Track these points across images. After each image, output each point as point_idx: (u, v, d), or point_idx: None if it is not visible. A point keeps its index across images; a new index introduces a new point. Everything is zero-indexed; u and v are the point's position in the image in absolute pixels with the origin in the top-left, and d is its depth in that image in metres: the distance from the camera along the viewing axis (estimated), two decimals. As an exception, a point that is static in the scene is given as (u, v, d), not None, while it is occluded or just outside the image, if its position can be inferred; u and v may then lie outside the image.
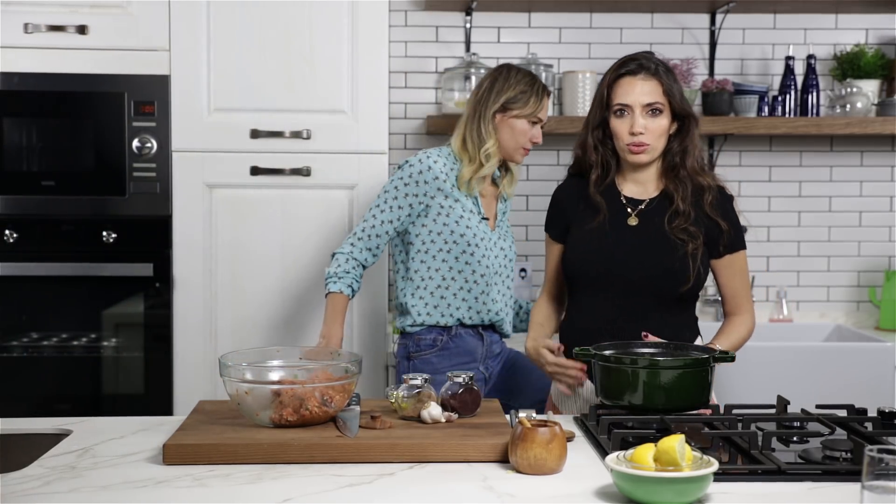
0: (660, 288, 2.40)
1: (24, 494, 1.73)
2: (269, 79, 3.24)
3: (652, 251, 2.41)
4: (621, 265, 2.41)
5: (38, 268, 3.23)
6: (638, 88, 2.39)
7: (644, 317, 2.40)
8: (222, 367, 2.06)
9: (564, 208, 2.54)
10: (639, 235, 2.43)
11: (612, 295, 2.42)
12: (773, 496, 1.74)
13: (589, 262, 2.44)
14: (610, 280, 2.42)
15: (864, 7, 3.75)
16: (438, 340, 2.85)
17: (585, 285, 2.46)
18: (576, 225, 2.50)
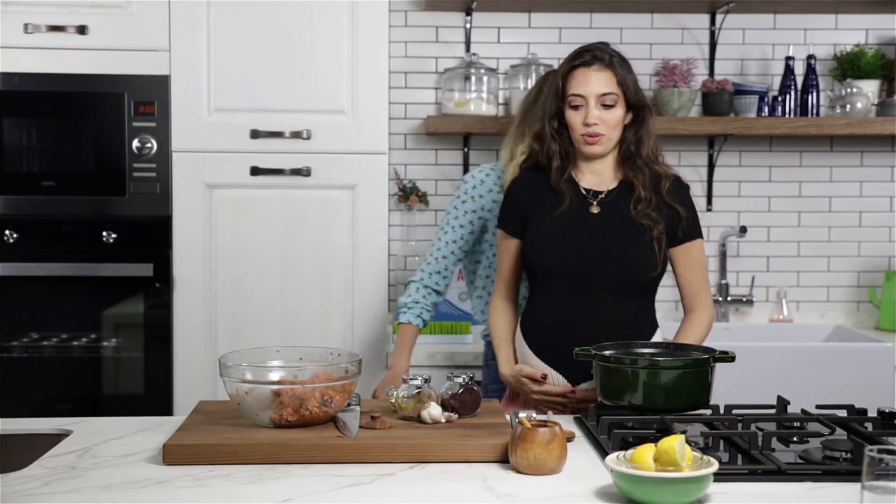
0: (629, 275, 2.40)
1: (24, 494, 1.73)
2: (269, 79, 3.24)
3: (619, 237, 2.41)
4: (588, 253, 2.39)
5: (38, 268, 3.23)
6: (592, 79, 2.39)
7: (609, 307, 2.40)
8: (222, 367, 2.06)
9: (522, 202, 2.49)
10: (603, 223, 2.43)
11: (577, 285, 2.40)
12: (773, 496, 1.74)
13: (555, 250, 2.41)
14: (576, 269, 2.39)
15: (864, 7, 3.75)
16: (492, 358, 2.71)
17: (550, 276, 2.42)
18: (536, 217, 2.46)
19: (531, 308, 2.48)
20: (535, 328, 2.45)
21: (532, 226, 2.46)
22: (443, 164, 3.79)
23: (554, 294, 2.43)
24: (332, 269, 3.28)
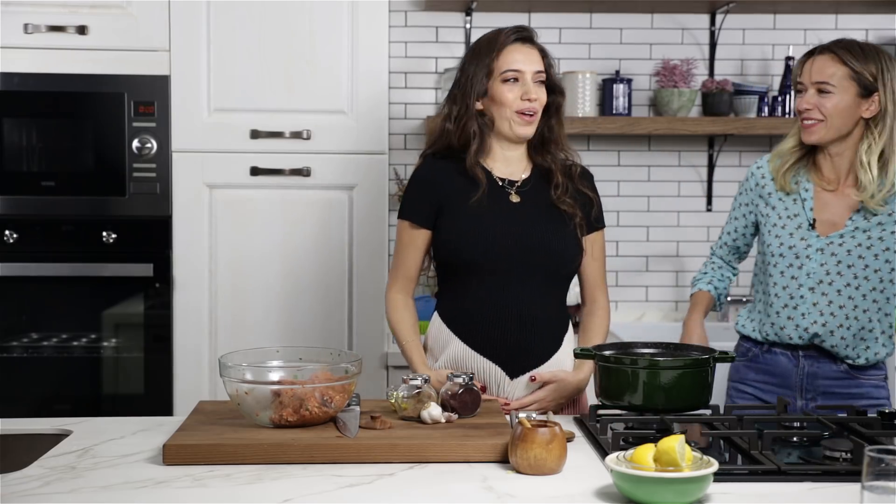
0: (557, 265, 2.38)
1: (24, 494, 1.73)
2: (269, 79, 3.24)
3: (544, 227, 2.36)
4: (517, 243, 2.33)
5: (38, 268, 3.23)
6: (530, 56, 2.35)
7: (537, 295, 2.36)
8: (222, 367, 2.06)
9: (433, 190, 2.37)
10: (525, 212, 2.37)
11: (505, 275, 2.33)
12: (773, 496, 1.74)
13: (482, 241, 2.32)
14: (505, 260, 2.33)
15: (864, 7, 3.75)
16: (750, 351, 2.64)
17: (477, 267, 2.34)
18: (451, 206, 2.35)
19: (455, 299, 2.38)
20: (463, 319, 2.36)
21: (450, 216, 2.35)
22: (443, 164, 3.79)
23: (483, 284, 2.34)
24: (331, 269, 3.28)
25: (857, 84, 2.45)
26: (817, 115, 2.48)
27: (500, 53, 2.33)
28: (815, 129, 2.49)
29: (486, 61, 2.33)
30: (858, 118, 2.47)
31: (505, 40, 2.34)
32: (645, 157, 3.81)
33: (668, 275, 3.84)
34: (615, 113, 3.66)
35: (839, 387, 2.53)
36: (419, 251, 2.41)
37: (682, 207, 3.83)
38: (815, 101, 2.48)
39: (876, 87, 2.45)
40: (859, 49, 2.47)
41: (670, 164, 3.82)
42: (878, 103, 2.45)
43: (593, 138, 3.79)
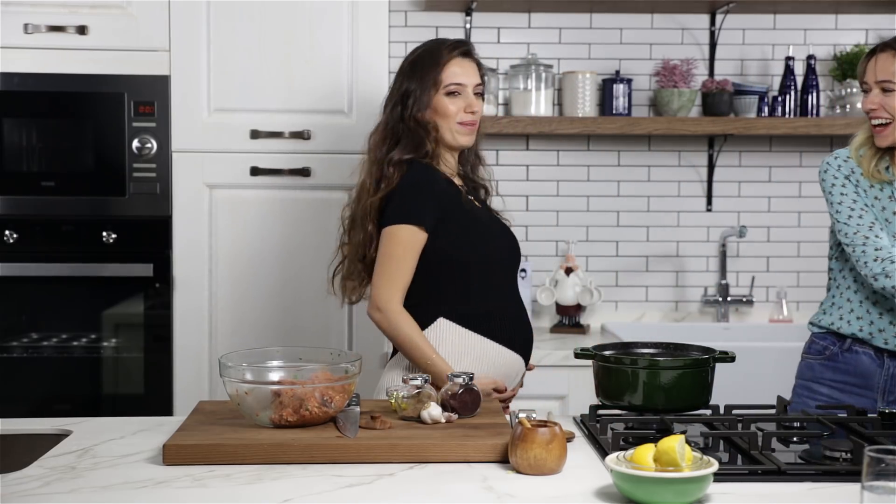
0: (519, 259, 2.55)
1: (24, 494, 1.73)
2: (269, 79, 3.24)
3: (507, 227, 2.53)
4: (507, 243, 2.49)
5: (38, 268, 3.23)
6: (472, 70, 2.45)
7: (515, 292, 2.50)
8: (222, 368, 2.06)
9: (434, 193, 2.39)
10: (491, 216, 2.52)
11: (503, 274, 2.47)
12: (773, 496, 1.74)
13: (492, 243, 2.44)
14: (505, 259, 2.48)
15: (864, 7, 3.75)
16: (828, 349, 2.57)
17: (488, 268, 2.42)
18: (453, 210, 2.39)
19: (469, 300, 2.41)
20: (483, 318, 2.40)
21: (457, 219, 2.39)
22: (443, 165, 3.79)
23: (494, 283, 2.43)
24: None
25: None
26: (884, 115, 2.41)
27: (444, 68, 2.42)
28: (885, 132, 2.43)
29: (432, 74, 2.41)
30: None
31: (448, 55, 2.43)
32: (645, 157, 3.81)
33: (668, 275, 3.83)
34: (615, 113, 3.66)
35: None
36: (417, 256, 2.38)
37: (682, 207, 3.83)
38: (881, 101, 2.41)
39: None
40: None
41: (670, 164, 3.82)
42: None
43: (593, 138, 3.79)
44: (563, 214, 3.80)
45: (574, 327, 3.66)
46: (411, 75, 2.44)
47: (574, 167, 3.79)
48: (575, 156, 3.79)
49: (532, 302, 3.72)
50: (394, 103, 2.46)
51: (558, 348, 3.32)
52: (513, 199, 3.79)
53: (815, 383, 2.58)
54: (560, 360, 3.23)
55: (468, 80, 2.44)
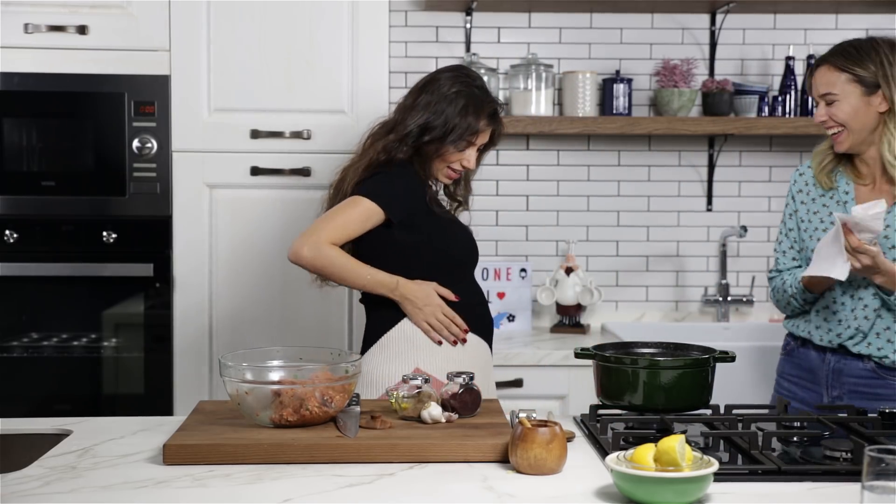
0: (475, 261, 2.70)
1: (24, 494, 1.73)
2: (269, 79, 3.24)
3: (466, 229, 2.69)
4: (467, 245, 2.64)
5: (38, 268, 3.23)
6: (490, 131, 2.61)
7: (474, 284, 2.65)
8: (222, 367, 2.06)
9: (415, 192, 2.55)
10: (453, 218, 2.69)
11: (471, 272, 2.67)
12: (773, 496, 1.74)
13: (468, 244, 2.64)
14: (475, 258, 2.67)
15: (864, 7, 3.75)
16: (789, 345, 2.67)
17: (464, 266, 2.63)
18: (429, 211, 2.56)
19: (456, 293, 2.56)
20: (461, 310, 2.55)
21: (434, 220, 2.56)
22: (443, 164, 3.79)
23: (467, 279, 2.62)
24: (332, 269, 3.28)
25: (859, 84, 2.46)
26: (833, 125, 2.50)
27: (476, 133, 2.56)
28: (840, 138, 2.51)
29: (470, 132, 2.53)
30: (876, 113, 2.47)
31: (484, 119, 2.56)
32: (645, 157, 3.81)
33: (668, 275, 3.83)
34: (615, 113, 3.66)
35: (865, 385, 2.50)
36: (366, 226, 2.50)
37: (682, 207, 3.83)
38: (827, 112, 2.50)
39: (878, 83, 2.45)
40: (854, 50, 2.49)
41: (670, 164, 3.82)
42: (884, 99, 2.45)
43: (593, 138, 3.79)
44: (564, 214, 3.80)
45: (574, 327, 3.66)
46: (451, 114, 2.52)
47: (574, 167, 3.79)
48: (575, 156, 3.79)
49: (532, 302, 3.72)
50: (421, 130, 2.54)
51: (558, 348, 3.32)
52: (513, 199, 3.79)
53: (780, 377, 2.70)
54: (560, 360, 3.23)
55: (483, 141, 2.61)
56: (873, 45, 2.48)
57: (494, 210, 3.79)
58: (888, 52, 2.46)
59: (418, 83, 2.62)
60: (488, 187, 3.77)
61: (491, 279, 3.71)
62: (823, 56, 2.54)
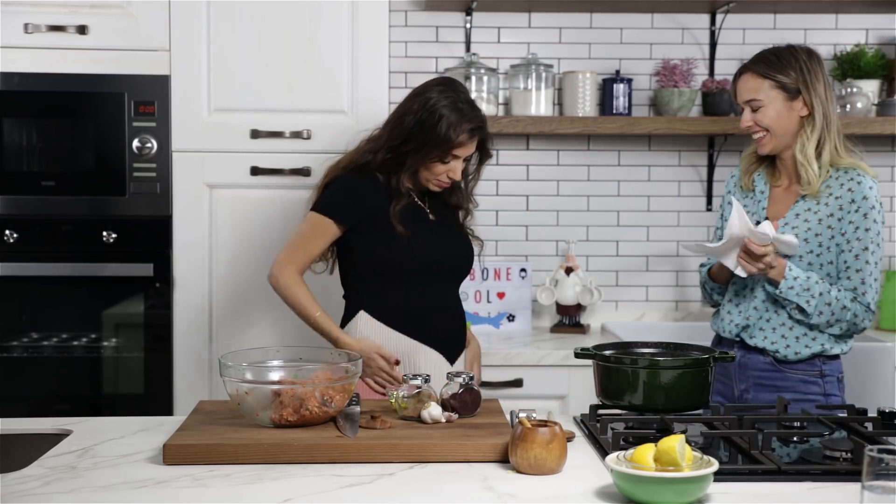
0: (462, 268, 2.73)
1: (24, 494, 1.73)
2: (269, 79, 3.24)
3: (454, 238, 2.71)
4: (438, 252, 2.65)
5: (38, 268, 3.23)
6: (472, 146, 2.63)
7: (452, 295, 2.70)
8: (222, 367, 2.06)
9: (360, 199, 2.62)
10: (441, 226, 2.69)
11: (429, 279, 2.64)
12: (773, 496, 1.74)
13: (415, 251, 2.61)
14: (431, 265, 2.64)
15: (864, 7, 3.75)
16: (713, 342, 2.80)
17: (409, 273, 2.62)
18: (379, 217, 2.60)
19: (390, 298, 2.63)
20: (403, 315, 2.62)
21: (381, 226, 2.60)
22: (443, 164, 3.79)
23: (417, 285, 2.63)
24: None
25: (781, 90, 2.60)
26: (758, 129, 2.64)
27: (455, 147, 2.57)
28: (764, 141, 2.65)
29: (447, 146, 2.56)
30: (798, 117, 2.60)
31: (464, 133, 2.57)
32: (645, 157, 3.81)
33: (668, 275, 3.83)
34: (615, 113, 3.66)
35: (768, 379, 2.62)
36: (325, 242, 2.64)
37: (682, 207, 3.83)
38: (752, 118, 2.64)
39: (799, 89, 2.59)
40: (775, 58, 2.62)
41: (670, 164, 3.82)
42: (805, 104, 2.59)
43: (593, 138, 3.79)
44: (563, 214, 3.80)
45: (574, 327, 3.66)
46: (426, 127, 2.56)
47: (574, 167, 3.79)
48: (575, 156, 3.79)
49: (532, 302, 3.72)
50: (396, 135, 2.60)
51: (558, 348, 3.32)
52: (513, 199, 3.79)
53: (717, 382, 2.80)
54: (560, 360, 3.23)
55: (466, 153, 2.62)
56: (792, 53, 2.62)
57: (494, 210, 3.79)
58: (806, 60, 2.61)
59: (409, 93, 2.67)
60: (488, 187, 3.77)
61: (491, 279, 3.71)
62: (746, 64, 2.67)
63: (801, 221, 2.59)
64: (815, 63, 2.62)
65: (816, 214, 2.58)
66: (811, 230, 2.57)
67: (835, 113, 2.63)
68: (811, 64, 2.61)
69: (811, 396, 2.55)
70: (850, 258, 2.54)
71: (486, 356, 3.20)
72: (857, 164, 2.60)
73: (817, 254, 2.56)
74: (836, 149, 2.60)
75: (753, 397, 2.61)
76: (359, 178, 2.64)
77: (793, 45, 2.66)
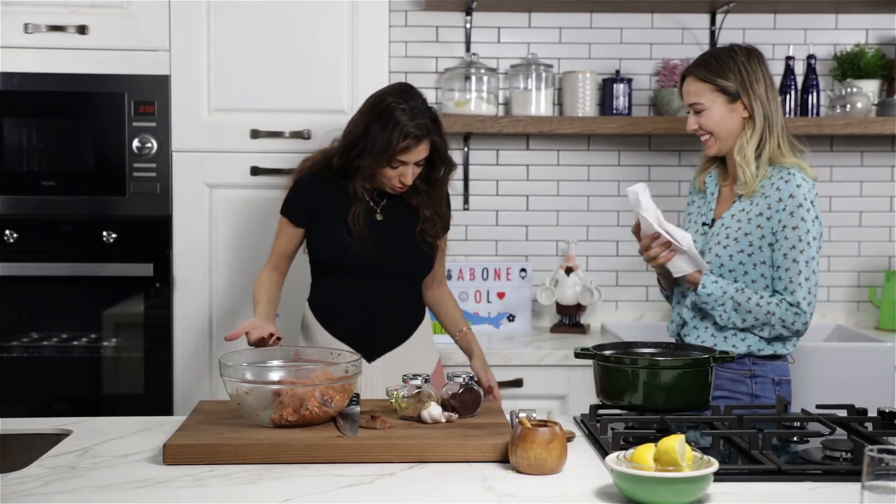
0: (412, 269, 2.73)
1: (24, 494, 1.73)
2: (269, 79, 3.24)
3: (402, 239, 2.70)
4: (376, 252, 2.66)
5: (38, 268, 3.23)
6: (422, 149, 2.61)
7: (387, 295, 2.69)
8: (222, 367, 2.06)
9: (309, 199, 2.70)
10: (388, 227, 2.70)
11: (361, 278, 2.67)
12: (773, 496, 1.74)
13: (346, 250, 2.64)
14: (364, 265, 2.66)
15: (864, 7, 3.75)
16: None
17: (339, 269, 2.68)
18: (324, 215, 2.68)
19: (323, 293, 2.73)
20: (329, 311, 2.70)
21: (323, 224, 2.68)
22: (443, 164, 3.79)
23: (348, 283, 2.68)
24: (332, 269, 3.28)
25: (722, 94, 2.60)
26: (703, 132, 2.65)
27: (401, 152, 2.58)
28: (709, 144, 2.66)
29: (389, 152, 2.58)
30: (740, 119, 2.61)
31: (409, 139, 2.58)
32: (645, 157, 3.81)
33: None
34: (615, 113, 3.66)
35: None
36: (292, 242, 2.75)
37: (682, 207, 3.82)
38: (696, 121, 2.64)
39: (738, 92, 2.59)
40: (715, 61, 2.63)
41: (670, 163, 3.82)
42: (745, 107, 2.59)
43: (593, 138, 3.79)
44: (563, 214, 3.80)
45: (574, 327, 3.66)
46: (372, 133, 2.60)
47: (574, 167, 3.79)
48: (575, 156, 3.79)
49: (532, 302, 3.73)
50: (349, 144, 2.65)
51: (558, 348, 3.32)
52: (513, 199, 3.79)
53: None
54: (560, 360, 3.23)
55: (413, 159, 2.61)
56: (731, 55, 2.62)
57: (494, 210, 3.79)
58: (745, 61, 2.61)
59: (366, 99, 2.71)
60: (488, 187, 3.77)
61: (491, 279, 3.71)
62: (688, 68, 2.67)
63: (735, 221, 2.59)
64: (755, 63, 2.61)
65: (748, 214, 2.58)
66: (741, 229, 2.57)
67: (778, 112, 2.62)
68: (751, 65, 2.60)
69: (738, 396, 2.55)
70: (779, 257, 2.53)
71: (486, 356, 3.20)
72: (797, 163, 2.59)
73: (749, 253, 2.55)
74: (779, 147, 2.59)
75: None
76: (316, 179, 2.72)
77: (734, 46, 2.66)
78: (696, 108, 2.64)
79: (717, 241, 2.60)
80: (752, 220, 2.56)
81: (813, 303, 2.53)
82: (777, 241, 2.54)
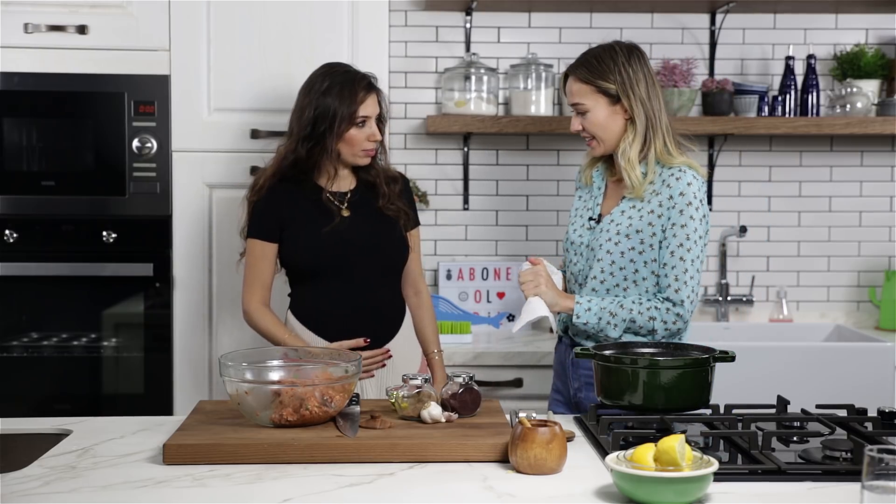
0: (389, 261, 2.76)
1: (24, 494, 1.73)
2: (269, 79, 3.24)
3: (373, 231, 2.73)
4: (350, 249, 2.69)
5: (38, 268, 3.23)
6: (375, 101, 2.71)
7: (371, 291, 2.72)
8: (222, 367, 2.06)
9: (275, 212, 2.71)
10: (356, 221, 2.72)
11: (342, 277, 2.70)
12: (773, 496, 1.74)
13: (319, 252, 2.68)
14: (341, 264, 2.70)
15: (864, 7, 3.75)
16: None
17: (317, 273, 2.70)
18: (293, 224, 2.70)
19: (306, 299, 2.75)
20: (317, 316, 2.72)
21: (293, 232, 2.71)
22: (443, 164, 3.79)
23: (330, 285, 2.71)
24: (332, 268, 3.28)
25: (604, 95, 2.55)
26: (586, 134, 2.60)
27: (359, 106, 2.67)
28: (593, 145, 2.62)
29: (348, 110, 2.65)
30: (623, 120, 2.56)
31: (361, 91, 2.68)
32: (645, 156, 3.81)
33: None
34: (615, 113, 3.65)
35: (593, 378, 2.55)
36: (270, 262, 2.75)
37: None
38: (580, 122, 2.60)
39: (618, 94, 2.54)
40: (596, 62, 2.57)
41: (670, 163, 3.81)
42: (624, 109, 2.54)
43: (593, 138, 3.79)
44: (564, 214, 3.80)
45: (574, 327, 3.65)
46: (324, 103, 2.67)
47: (574, 167, 3.79)
48: (575, 155, 3.79)
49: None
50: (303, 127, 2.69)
51: (558, 348, 3.31)
52: (513, 199, 3.79)
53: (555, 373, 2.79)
54: (560, 360, 3.23)
55: (373, 112, 2.69)
56: (612, 55, 2.55)
57: (494, 210, 3.79)
58: (626, 61, 2.54)
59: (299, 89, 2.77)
60: (488, 187, 3.77)
61: (491, 279, 3.71)
62: (570, 66, 2.61)
63: (625, 218, 2.54)
64: (635, 63, 2.55)
65: (640, 212, 2.53)
66: (632, 226, 2.52)
67: (661, 111, 2.55)
68: (631, 65, 2.54)
69: None
70: (665, 255, 2.50)
71: (486, 356, 3.21)
72: (687, 161, 2.54)
73: (639, 251, 2.51)
74: (665, 147, 2.54)
75: (585, 396, 2.55)
76: (274, 192, 2.72)
77: (615, 44, 2.58)
78: (578, 108, 2.57)
79: (607, 238, 2.54)
80: (644, 217, 2.52)
81: (695, 301, 2.52)
82: (666, 239, 2.50)
